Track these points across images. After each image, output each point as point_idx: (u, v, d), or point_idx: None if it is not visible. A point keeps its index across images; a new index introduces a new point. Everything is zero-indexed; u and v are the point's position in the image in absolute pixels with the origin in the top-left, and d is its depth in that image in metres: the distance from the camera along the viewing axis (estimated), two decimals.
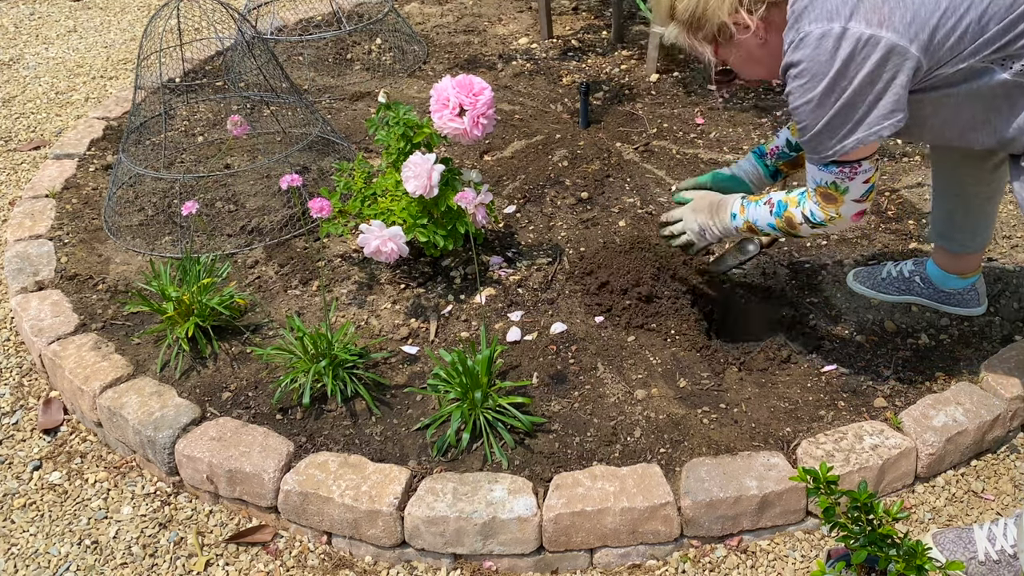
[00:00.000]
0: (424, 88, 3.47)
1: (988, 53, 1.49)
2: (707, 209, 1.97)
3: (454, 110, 2.12)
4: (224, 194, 2.76)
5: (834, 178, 1.64)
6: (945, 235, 2.09)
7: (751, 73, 1.71)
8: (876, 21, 1.45)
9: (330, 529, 1.81)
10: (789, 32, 1.53)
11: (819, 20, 1.48)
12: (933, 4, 1.45)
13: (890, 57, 1.47)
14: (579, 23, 4.06)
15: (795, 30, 1.51)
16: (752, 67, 1.68)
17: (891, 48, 1.46)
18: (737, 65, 1.69)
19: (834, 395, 1.97)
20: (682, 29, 1.66)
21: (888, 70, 1.48)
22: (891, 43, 1.46)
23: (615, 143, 3.00)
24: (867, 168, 1.62)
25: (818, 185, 1.68)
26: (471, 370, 1.89)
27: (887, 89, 1.50)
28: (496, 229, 2.56)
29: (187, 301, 2.14)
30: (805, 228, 1.77)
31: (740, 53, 1.65)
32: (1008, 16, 1.46)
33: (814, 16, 1.48)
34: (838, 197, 1.67)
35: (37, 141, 3.43)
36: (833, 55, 1.48)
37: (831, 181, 1.65)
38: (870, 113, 1.53)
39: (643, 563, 1.77)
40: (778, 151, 2.04)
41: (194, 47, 3.76)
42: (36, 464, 2.06)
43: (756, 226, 1.87)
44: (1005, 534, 1.65)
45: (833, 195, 1.67)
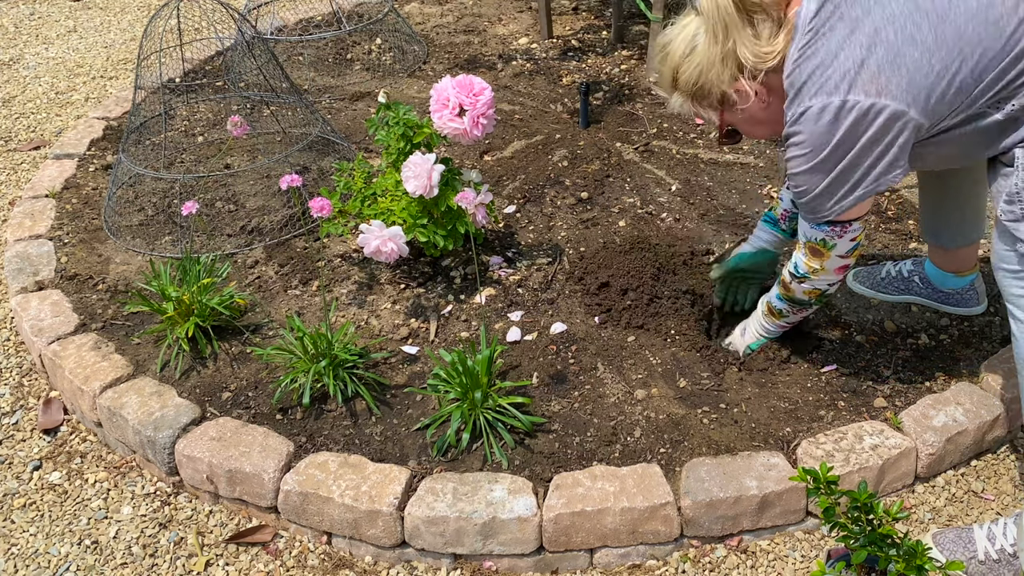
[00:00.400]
0: (424, 88, 3.47)
1: (984, 101, 1.52)
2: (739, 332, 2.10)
3: (454, 110, 2.12)
4: (224, 194, 2.76)
5: (824, 236, 1.70)
6: (935, 231, 2.10)
7: (756, 133, 1.75)
8: (875, 91, 1.48)
9: (330, 529, 1.81)
10: (790, 106, 1.57)
11: (819, 95, 1.51)
12: (927, 68, 1.47)
13: (893, 123, 1.50)
14: (579, 23, 4.06)
15: (796, 103, 1.55)
16: (757, 128, 1.72)
17: (893, 114, 1.49)
18: (742, 127, 1.73)
19: (834, 395, 1.97)
20: (686, 98, 1.70)
21: (891, 134, 1.51)
22: (893, 110, 1.49)
23: (615, 143, 3.00)
24: (856, 228, 1.69)
25: (808, 240, 1.74)
26: (471, 370, 1.89)
27: (887, 151, 1.54)
28: (496, 229, 2.56)
29: (187, 301, 2.14)
30: (795, 286, 1.83)
31: (744, 116, 1.68)
32: (999, 65, 1.48)
33: (814, 91, 1.51)
34: (825, 253, 1.73)
35: (37, 141, 3.43)
36: (832, 127, 1.52)
37: (821, 238, 1.71)
38: (869, 174, 1.57)
39: (643, 563, 1.77)
40: (789, 214, 2.08)
41: (194, 47, 3.76)
42: (36, 464, 2.06)
43: (771, 304, 1.95)
44: (1005, 533, 1.65)
45: (821, 251, 1.73)
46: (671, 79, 1.69)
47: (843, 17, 1.50)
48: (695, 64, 1.62)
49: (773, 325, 2.00)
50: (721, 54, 1.59)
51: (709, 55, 1.60)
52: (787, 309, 1.92)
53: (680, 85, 1.68)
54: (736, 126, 1.74)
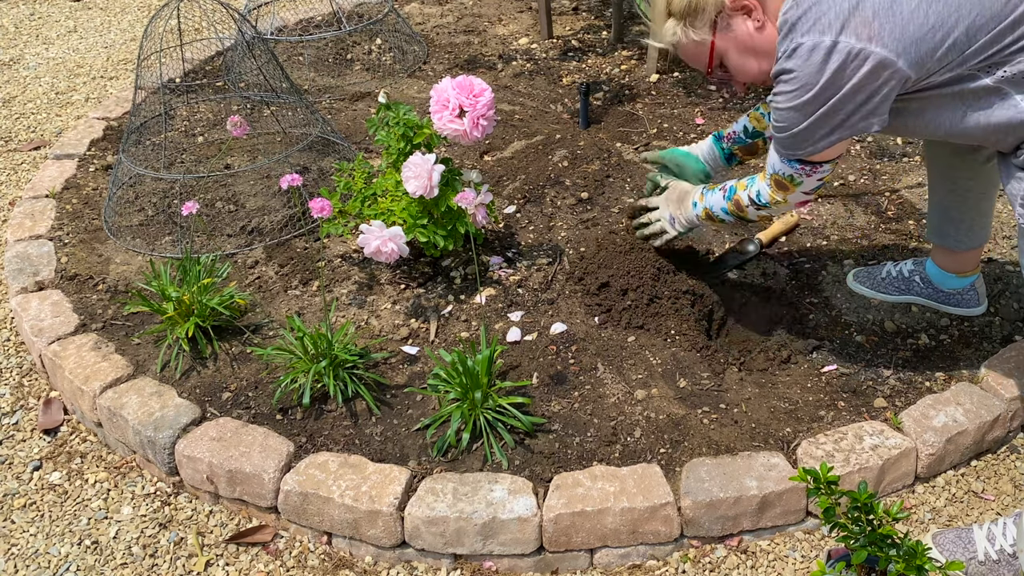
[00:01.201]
0: (424, 88, 3.47)
1: (975, 63, 1.52)
2: (676, 199, 2.07)
3: (454, 111, 2.12)
4: (224, 194, 2.76)
5: (793, 172, 1.72)
6: (941, 232, 2.10)
7: (746, 69, 1.72)
8: (866, 36, 1.48)
9: (330, 529, 1.81)
10: (782, 42, 1.57)
11: (811, 32, 1.51)
12: (922, 19, 1.48)
13: (878, 71, 1.50)
14: (579, 23, 4.06)
15: (788, 39, 1.55)
16: (748, 60, 1.71)
17: (880, 62, 1.49)
18: (733, 59, 1.72)
19: (834, 395, 1.97)
20: (679, 21, 1.69)
21: (875, 82, 1.52)
22: (880, 57, 1.49)
23: (615, 143, 3.00)
24: (826, 169, 1.71)
25: (775, 173, 1.75)
26: (471, 370, 1.89)
27: (870, 99, 1.54)
28: (496, 229, 2.56)
29: (187, 301, 2.15)
30: (751, 210, 1.86)
31: (737, 42, 1.68)
32: (995, 27, 1.49)
33: (806, 28, 1.52)
34: (790, 187, 1.75)
35: (37, 141, 3.43)
36: (822, 67, 1.51)
37: (789, 174, 1.73)
38: (849, 119, 1.58)
39: (643, 563, 1.77)
40: (735, 136, 2.12)
41: (194, 47, 3.76)
42: (36, 464, 2.06)
43: (712, 212, 1.95)
44: (1005, 534, 1.65)
45: (786, 185, 1.75)
46: (664, 4, 1.70)
47: None
48: None
49: (702, 223, 2.03)
50: None
51: None
52: (729, 220, 1.94)
53: (673, 7, 1.69)
54: (726, 58, 1.72)
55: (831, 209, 2.59)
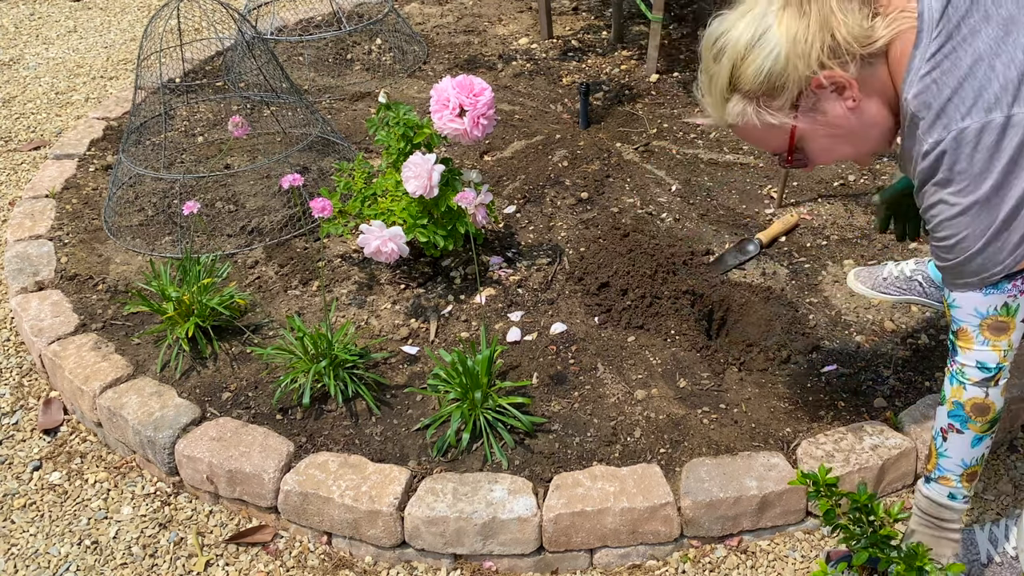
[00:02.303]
0: (424, 88, 3.47)
1: None
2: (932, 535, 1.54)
3: (454, 110, 2.12)
4: (224, 194, 2.76)
5: (1005, 297, 1.33)
6: None
7: (833, 151, 1.40)
8: None
9: (330, 529, 1.81)
10: (932, 131, 1.26)
11: (975, 112, 1.23)
12: None
13: None
14: (579, 23, 4.06)
15: (941, 127, 1.25)
16: (836, 144, 1.38)
17: None
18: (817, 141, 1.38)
19: (834, 395, 1.97)
20: (749, 101, 1.35)
21: None
22: None
23: (615, 143, 3.00)
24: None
25: (984, 318, 1.36)
26: (471, 370, 1.89)
27: None
28: (496, 229, 2.56)
29: (187, 301, 2.14)
30: (993, 392, 1.39)
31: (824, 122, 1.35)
32: None
33: (966, 108, 1.23)
34: (1010, 322, 1.35)
35: (37, 141, 3.43)
36: (997, 149, 1.23)
37: (1002, 304, 1.34)
38: None
39: (643, 563, 1.77)
40: None
41: (194, 47, 3.76)
42: (36, 464, 2.06)
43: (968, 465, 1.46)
44: (1007, 535, 1.65)
45: (1004, 322, 1.35)
46: (728, 79, 1.35)
47: (988, 16, 1.24)
48: (769, 49, 1.29)
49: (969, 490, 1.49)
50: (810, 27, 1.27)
51: (791, 32, 1.28)
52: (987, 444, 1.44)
53: (742, 83, 1.33)
54: (808, 141, 1.38)
55: (831, 209, 2.59)
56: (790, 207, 2.61)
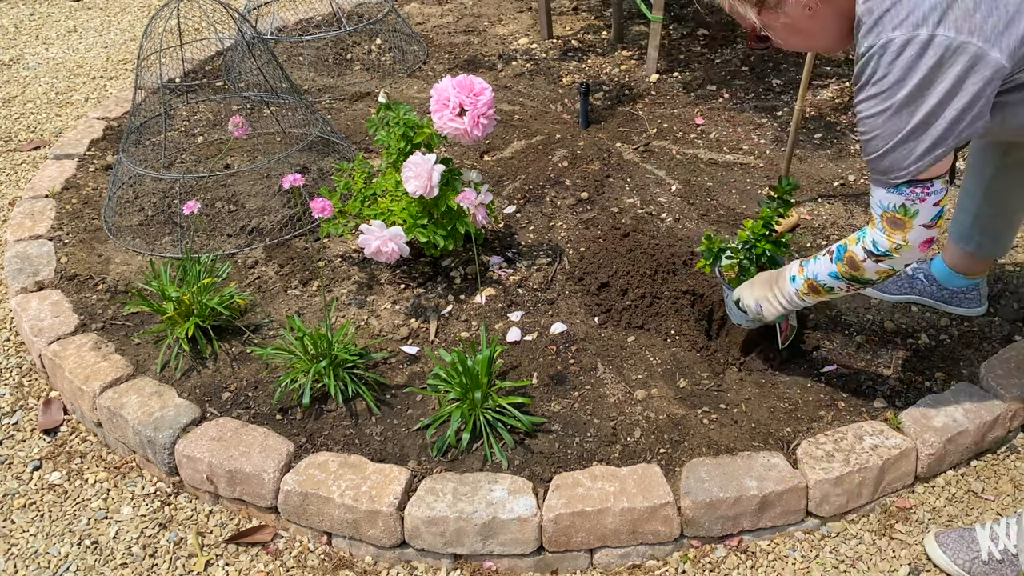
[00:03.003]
0: (424, 88, 3.47)
1: None
2: (764, 282, 1.85)
3: (454, 110, 2.12)
4: (224, 194, 2.76)
5: (904, 200, 1.52)
6: (967, 236, 2.08)
7: (791, 43, 1.59)
8: (967, 28, 1.36)
9: (330, 529, 1.81)
10: (866, 36, 1.42)
11: (904, 26, 1.38)
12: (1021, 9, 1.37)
13: (977, 67, 1.38)
14: (579, 23, 4.06)
15: (874, 34, 1.41)
16: (794, 38, 1.57)
17: (980, 57, 1.37)
18: (778, 33, 1.57)
19: (834, 395, 1.97)
20: None
21: (974, 81, 1.39)
22: (981, 52, 1.37)
23: (615, 143, 3.00)
24: (939, 188, 1.50)
25: (884, 210, 1.55)
26: (471, 370, 1.89)
27: (973, 102, 1.41)
28: (496, 229, 2.56)
29: (187, 301, 2.14)
30: (869, 264, 1.61)
31: (786, 21, 1.53)
32: None
33: (898, 21, 1.38)
34: (907, 222, 1.53)
35: (37, 141, 3.43)
36: (916, 62, 1.38)
37: (900, 204, 1.52)
38: (952, 128, 1.42)
39: (643, 563, 1.77)
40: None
41: (194, 47, 3.76)
42: (36, 464, 2.06)
43: (817, 282, 1.72)
44: (1008, 533, 1.65)
45: (901, 220, 1.53)
46: None
47: None
48: None
49: (809, 300, 1.77)
50: None
51: None
52: (841, 287, 1.69)
53: None
54: (770, 31, 1.57)
55: (831, 209, 2.59)
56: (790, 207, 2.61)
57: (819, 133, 3.00)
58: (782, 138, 2.99)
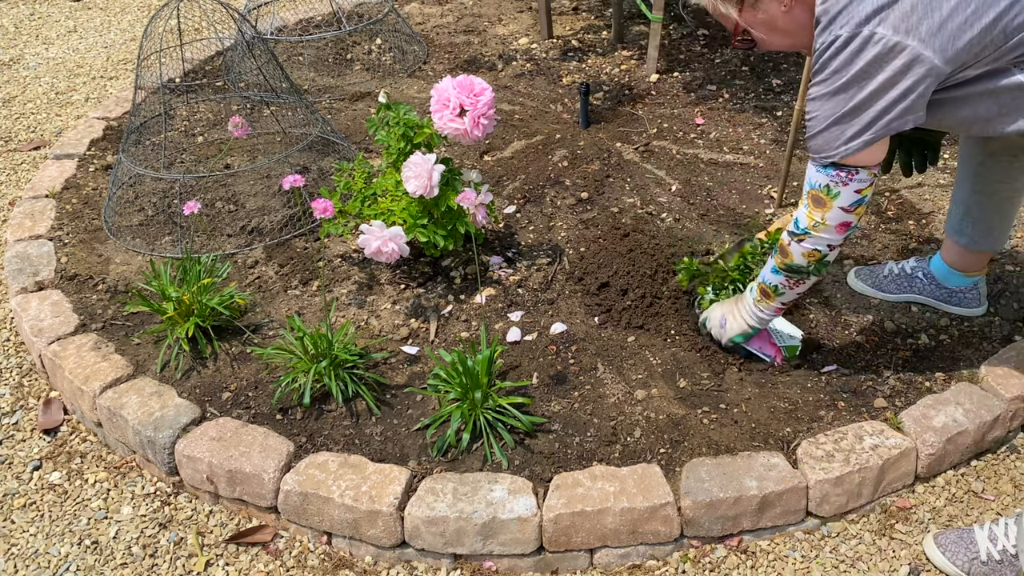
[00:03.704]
0: (424, 88, 3.47)
1: (1011, 58, 1.52)
2: (732, 300, 2.01)
3: (455, 110, 2.12)
4: (224, 194, 2.76)
5: (828, 181, 1.65)
6: (959, 228, 2.09)
7: (772, 41, 1.69)
8: (904, 29, 1.47)
9: (330, 529, 1.81)
10: (820, 34, 1.55)
11: (849, 25, 1.50)
12: (961, 14, 1.47)
13: (912, 66, 1.49)
14: (579, 23, 4.06)
15: (827, 32, 1.54)
16: (773, 35, 1.67)
17: (915, 57, 1.48)
18: (760, 32, 1.68)
19: (834, 395, 1.97)
20: None
21: (908, 77, 1.50)
22: (915, 52, 1.48)
23: (615, 143, 3.00)
24: (863, 178, 1.64)
25: (811, 188, 1.68)
26: (471, 370, 1.89)
27: (903, 96, 1.52)
28: (496, 229, 2.56)
29: (187, 301, 2.14)
30: (794, 247, 1.75)
31: (764, 18, 1.64)
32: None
33: (845, 21, 1.51)
34: (827, 202, 1.66)
35: (37, 141, 3.43)
36: (856, 56, 1.51)
37: (825, 184, 1.66)
38: (883, 116, 1.54)
39: (643, 563, 1.77)
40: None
41: (194, 47, 3.76)
42: (36, 464, 2.06)
43: (765, 284, 1.86)
44: (1007, 533, 1.65)
45: (823, 199, 1.67)
46: None
47: None
48: None
49: (767, 310, 1.90)
50: None
51: None
52: (783, 283, 1.82)
53: None
54: (752, 29, 1.68)
55: None
56: (790, 207, 2.61)
57: None
58: (782, 138, 2.99)
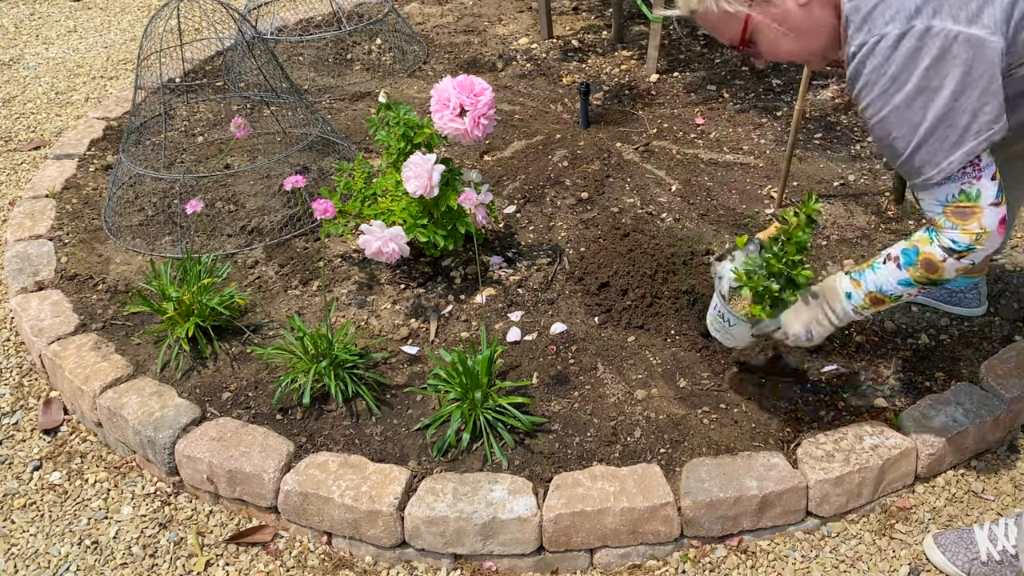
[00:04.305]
0: (424, 88, 3.47)
1: None
2: (812, 306, 1.68)
3: (455, 110, 2.12)
4: (224, 194, 2.76)
5: (960, 185, 1.41)
6: None
7: (780, 48, 1.49)
8: (964, 18, 1.31)
9: (330, 529, 1.81)
10: (856, 34, 1.35)
11: (896, 20, 1.32)
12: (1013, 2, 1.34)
13: (983, 55, 1.33)
14: (579, 23, 4.06)
15: (864, 31, 1.34)
16: (783, 40, 1.47)
17: (982, 45, 1.32)
18: (767, 36, 1.47)
19: (834, 395, 1.97)
20: None
21: (982, 69, 1.33)
22: (981, 40, 1.32)
23: (615, 143, 3.00)
24: (988, 162, 1.41)
25: (946, 205, 1.43)
26: (471, 370, 1.89)
27: (987, 89, 1.35)
28: (496, 229, 2.56)
29: (187, 301, 2.14)
30: (950, 263, 1.46)
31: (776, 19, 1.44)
32: None
33: (890, 15, 1.32)
34: (974, 207, 1.42)
35: (37, 141, 3.43)
36: (918, 54, 1.32)
37: (959, 191, 1.41)
38: (976, 119, 1.36)
39: (643, 563, 1.77)
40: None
41: (194, 47, 3.76)
42: (36, 464, 2.06)
43: (883, 293, 1.56)
44: (1006, 534, 1.65)
45: (968, 207, 1.42)
46: None
47: None
48: None
49: (866, 312, 1.62)
50: None
51: None
52: (912, 293, 1.54)
53: None
54: (758, 34, 1.47)
55: (831, 209, 2.59)
56: (790, 207, 2.61)
57: (819, 133, 3.00)
58: (782, 138, 2.99)
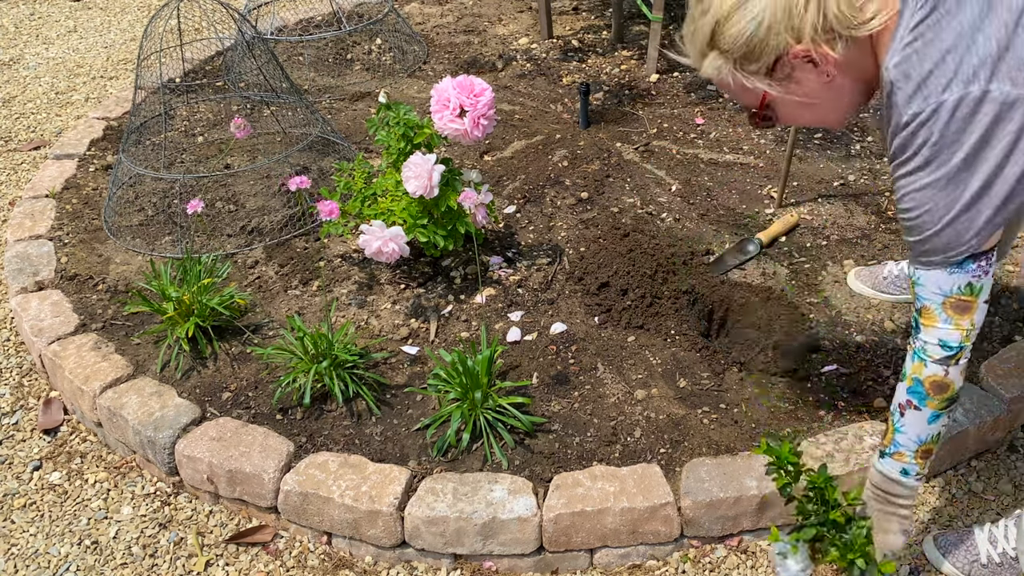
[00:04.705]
0: (424, 88, 3.47)
1: None
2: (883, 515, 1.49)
3: (455, 111, 2.12)
4: (224, 194, 2.76)
5: (970, 277, 1.32)
6: None
7: (800, 117, 1.41)
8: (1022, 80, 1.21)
9: (330, 529, 1.81)
10: (911, 103, 1.25)
11: (954, 85, 1.22)
12: None
13: None
14: (579, 23, 4.06)
15: (920, 99, 1.24)
16: (803, 111, 1.38)
17: None
18: (786, 106, 1.37)
19: (834, 395, 1.97)
20: (726, 61, 1.32)
21: None
22: None
23: (615, 143, 3.00)
24: (993, 257, 1.33)
25: (947, 296, 1.34)
26: (471, 370, 1.89)
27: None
28: (496, 229, 2.56)
29: (187, 301, 2.14)
30: (952, 371, 1.37)
31: (795, 93, 1.34)
32: None
33: (946, 81, 1.22)
34: (972, 303, 1.33)
35: (37, 141, 3.43)
36: (971, 121, 1.22)
37: (966, 283, 1.32)
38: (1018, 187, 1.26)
39: (643, 563, 1.77)
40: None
41: (194, 47, 3.76)
42: (36, 464, 2.06)
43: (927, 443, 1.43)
44: (1006, 536, 1.65)
45: (968, 301, 1.33)
46: (709, 36, 1.31)
47: None
48: (753, 16, 1.26)
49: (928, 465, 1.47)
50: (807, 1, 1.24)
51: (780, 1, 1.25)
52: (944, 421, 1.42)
53: (723, 43, 1.30)
54: (777, 105, 1.37)
55: (831, 209, 2.59)
56: (790, 207, 2.61)
57: (819, 133, 3.00)
58: (782, 138, 2.99)
